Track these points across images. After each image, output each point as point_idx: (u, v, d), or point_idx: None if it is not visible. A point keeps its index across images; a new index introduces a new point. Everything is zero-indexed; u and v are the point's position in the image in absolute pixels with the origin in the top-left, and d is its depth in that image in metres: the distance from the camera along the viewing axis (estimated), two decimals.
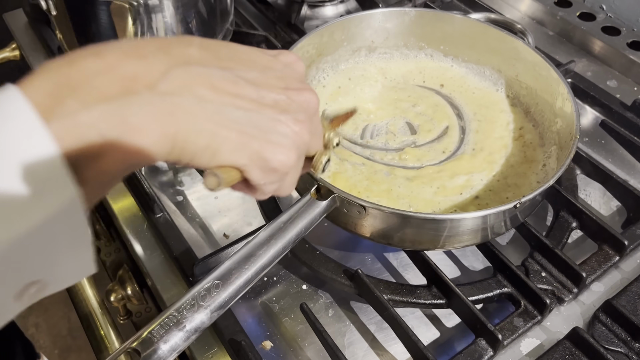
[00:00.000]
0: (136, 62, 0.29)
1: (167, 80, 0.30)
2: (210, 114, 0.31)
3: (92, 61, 0.28)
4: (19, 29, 0.84)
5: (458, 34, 0.66)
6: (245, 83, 0.33)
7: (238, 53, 0.35)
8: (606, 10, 0.82)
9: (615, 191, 0.61)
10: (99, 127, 0.27)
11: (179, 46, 0.32)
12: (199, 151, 0.31)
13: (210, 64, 0.32)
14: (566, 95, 0.57)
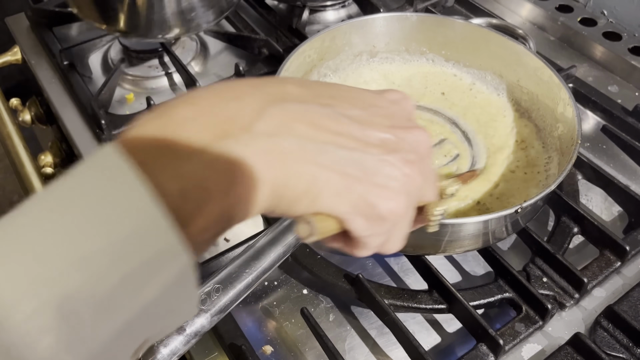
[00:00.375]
0: (230, 103, 0.27)
1: (263, 119, 0.27)
2: (310, 154, 0.28)
3: (186, 108, 0.27)
4: (21, 32, 0.84)
5: (459, 39, 0.66)
6: (348, 120, 0.29)
7: (339, 91, 0.32)
8: (607, 16, 0.82)
9: (617, 196, 0.61)
10: (197, 180, 0.25)
11: (275, 84, 0.30)
12: (297, 197, 0.28)
13: (309, 101, 0.29)
14: (567, 101, 0.57)
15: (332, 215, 0.29)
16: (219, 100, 0.27)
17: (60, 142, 0.79)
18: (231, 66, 0.76)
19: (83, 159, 0.27)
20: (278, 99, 0.28)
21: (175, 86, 0.78)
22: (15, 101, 0.82)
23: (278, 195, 0.27)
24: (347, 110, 0.30)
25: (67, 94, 0.75)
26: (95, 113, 0.67)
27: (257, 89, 0.28)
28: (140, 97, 0.76)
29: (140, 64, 0.79)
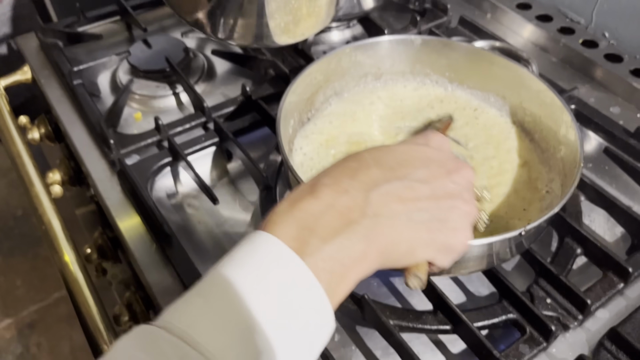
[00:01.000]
0: (344, 196, 0.36)
1: (370, 205, 0.37)
2: (404, 222, 0.37)
3: (314, 202, 0.36)
4: (31, 52, 0.85)
5: (463, 61, 0.67)
6: (419, 185, 0.39)
7: (402, 155, 0.41)
8: (609, 38, 0.84)
9: (619, 218, 0.62)
10: (338, 258, 0.34)
11: (362, 171, 0.39)
12: (401, 256, 0.38)
13: (390, 179, 0.39)
14: (570, 124, 0.57)
15: (426, 261, 0.39)
16: (336, 195, 0.36)
17: (68, 159, 0.80)
18: (237, 86, 0.77)
19: (243, 243, 0.35)
20: (372, 185, 0.38)
21: (182, 105, 0.79)
22: (24, 119, 0.84)
23: (387, 257, 0.37)
24: (415, 174, 0.40)
25: (76, 113, 0.76)
26: (104, 132, 0.68)
27: (354, 179, 0.38)
28: (147, 116, 0.77)
29: (148, 83, 0.80)
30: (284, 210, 0.36)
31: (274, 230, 0.34)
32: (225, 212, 0.67)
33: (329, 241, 0.34)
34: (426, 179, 0.40)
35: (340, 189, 0.37)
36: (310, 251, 0.34)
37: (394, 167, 0.40)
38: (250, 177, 0.69)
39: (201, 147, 0.70)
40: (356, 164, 0.39)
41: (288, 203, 0.36)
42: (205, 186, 0.64)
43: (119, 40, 0.89)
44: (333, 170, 0.39)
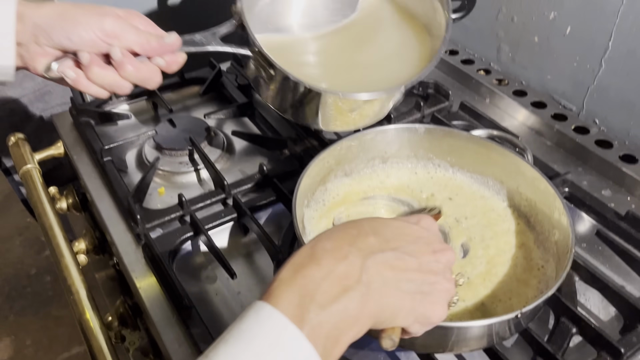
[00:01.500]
0: (343, 263, 0.40)
1: (366, 272, 0.41)
2: (393, 290, 0.42)
3: (316, 269, 0.40)
4: (65, 128, 0.93)
5: (463, 147, 0.74)
6: (409, 258, 0.44)
7: (396, 229, 0.46)
8: (599, 124, 0.90)
9: (612, 298, 0.65)
10: (334, 323, 0.38)
11: (360, 238, 0.43)
12: (385, 319, 0.42)
13: (385, 249, 0.43)
14: (562, 210, 0.63)
15: (402, 327, 0.43)
16: (336, 260, 0.40)
17: (93, 229, 0.85)
18: (254, 163, 0.84)
19: (243, 317, 0.38)
20: (369, 253, 0.42)
21: (203, 181, 0.85)
22: (53, 190, 0.90)
23: (374, 321, 0.41)
24: (406, 248, 0.44)
25: (104, 187, 0.82)
26: (131, 207, 0.74)
27: (353, 246, 0.42)
28: (170, 191, 0.83)
29: (172, 160, 0.86)
30: (287, 278, 0.39)
31: (278, 300, 0.38)
32: (242, 284, 0.71)
33: (327, 308, 0.38)
34: (415, 254, 0.44)
35: (340, 255, 0.41)
36: (310, 318, 0.37)
37: (388, 239, 0.44)
38: (265, 250, 0.74)
39: (220, 222, 0.75)
40: (355, 231, 0.43)
41: (291, 270, 0.40)
42: (224, 260, 0.69)
43: (146, 118, 0.96)
44: (334, 235, 0.43)
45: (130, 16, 0.59)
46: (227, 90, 1.00)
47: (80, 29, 0.54)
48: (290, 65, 0.62)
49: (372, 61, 0.75)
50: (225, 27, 0.61)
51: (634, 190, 0.80)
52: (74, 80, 0.56)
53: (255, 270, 0.73)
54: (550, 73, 0.95)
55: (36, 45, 0.55)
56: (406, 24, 0.78)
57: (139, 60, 0.57)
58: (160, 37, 0.58)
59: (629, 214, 0.74)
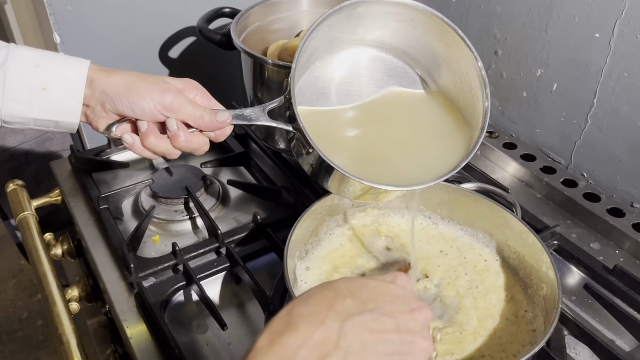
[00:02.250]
0: (320, 328, 0.40)
1: (344, 337, 0.41)
2: (372, 354, 0.42)
3: (293, 336, 0.40)
4: (63, 176, 0.94)
5: (453, 200, 0.75)
6: (387, 318, 0.44)
7: (373, 290, 0.46)
8: (587, 178, 0.92)
9: (601, 354, 0.65)
10: None
11: (337, 301, 0.43)
12: None
13: (363, 311, 0.43)
14: (549, 265, 0.64)
15: None
16: (313, 326, 0.40)
17: (87, 277, 0.86)
18: (249, 212, 0.85)
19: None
20: (346, 316, 0.42)
21: (197, 229, 0.86)
22: (49, 236, 0.90)
23: None
24: (383, 308, 0.44)
25: (100, 235, 0.83)
26: (125, 256, 0.75)
27: (330, 310, 0.42)
28: (164, 239, 0.84)
29: (167, 208, 0.88)
30: (264, 346, 0.39)
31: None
32: (233, 334, 0.71)
33: None
34: (392, 314, 0.44)
35: (318, 320, 0.41)
36: None
37: (365, 300, 0.44)
38: (257, 301, 0.74)
39: (213, 271, 0.76)
40: (332, 293, 0.44)
41: (268, 338, 0.40)
42: (215, 311, 0.69)
43: (143, 167, 0.98)
44: (310, 298, 0.43)
45: (189, 87, 0.63)
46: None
47: (143, 102, 0.58)
48: (326, 144, 0.63)
49: (409, 144, 0.72)
50: (274, 103, 0.65)
51: (622, 243, 0.82)
52: (130, 145, 0.61)
53: (247, 321, 0.73)
54: (538, 127, 0.98)
55: (101, 109, 0.60)
56: (444, 106, 0.74)
57: (191, 132, 0.61)
58: (213, 113, 0.61)
59: (617, 268, 0.75)
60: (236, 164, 0.98)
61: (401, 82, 0.74)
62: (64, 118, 0.59)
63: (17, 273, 1.96)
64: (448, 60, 0.70)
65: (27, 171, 1.12)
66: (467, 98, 0.70)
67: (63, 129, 0.61)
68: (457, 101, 0.72)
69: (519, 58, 0.96)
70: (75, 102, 0.58)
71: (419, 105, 0.75)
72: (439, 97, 0.74)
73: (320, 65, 0.72)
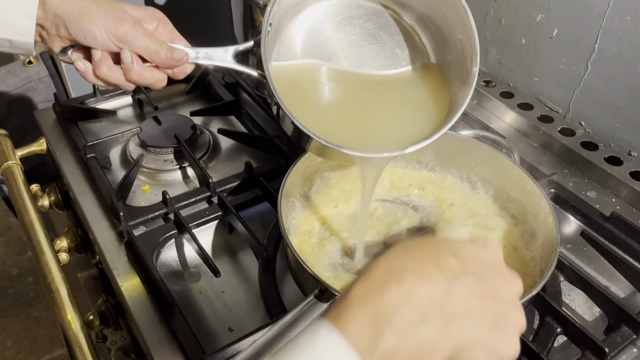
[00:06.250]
0: (427, 285, 0.36)
1: (450, 299, 0.36)
2: (475, 321, 0.37)
3: (396, 290, 0.35)
4: (48, 125, 0.91)
5: (450, 147, 0.73)
6: (487, 285, 0.39)
7: (470, 253, 0.40)
8: (585, 127, 0.91)
9: (597, 299, 0.65)
10: (410, 353, 0.34)
11: (442, 258, 0.38)
12: (462, 352, 0.37)
13: (467, 273, 0.38)
14: (548, 210, 0.63)
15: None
16: (420, 281, 0.36)
17: (76, 227, 0.84)
18: (240, 162, 0.83)
19: (302, 340, 0.34)
20: (453, 276, 0.37)
21: (188, 179, 0.84)
22: (35, 187, 0.88)
23: (452, 353, 0.36)
24: (484, 274, 0.39)
25: (87, 185, 0.81)
26: (114, 205, 0.73)
27: (437, 266, 0.37)
28: (154, 189, 0.82)
29: (156, 157, 0.85)
30: (360, 296, 0.35)
31: (347, 321, 0.34)
32: (226, 283, 0.70)
33: (404, 335, 0.34)
34: (492, 282, 0.39)
35: (424, 274, 0.36)
36: (383, 345, 0.33)
37: (467, 262, 0.39)
38: (250, 249, 0.73)
39: (205, 220, 0.75)
40: (435, 250, 0.39)
41: (364, 287, 0.36)
42: (208, 259, 0.68)
43: (130, 116, 0.95)
44: (412, 251, 0.39)
45: (149, 18, 0.60)
46: (213, 88, 0.99)
47: (96, 30, 0.56)
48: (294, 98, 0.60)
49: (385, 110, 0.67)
50: (243, 46, 0.61)
51: (619, 191, 0.81)
52: (83, 73, 0.59)
53: (240, 269, 0.72)
54: (537, 75, 0.96)
55: (56, 32, 0.58)
56: (431, 82, 0.68)
57: (146, 67, 0.59)
58: (170, 49, 0.59)
59: (614, 215, 0.74)
60: (226, 113, 0.95)
61: (392, 48, 0.70)
62: (18, 37, 0.57)
63: (5, 231, 1.94)
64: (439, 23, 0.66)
65: (11, 122, 1.09)
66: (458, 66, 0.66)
67: (19, 50, 0.59)
68: (447, 76, 0.67)
69: (518, 3, 0.93)
70: (28, 21, 0.56)
71: (402, 77, 0.70)
72: (426, 72, 0.69)
73: (309, 15, 0.68)
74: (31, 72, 1.08)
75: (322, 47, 0.66)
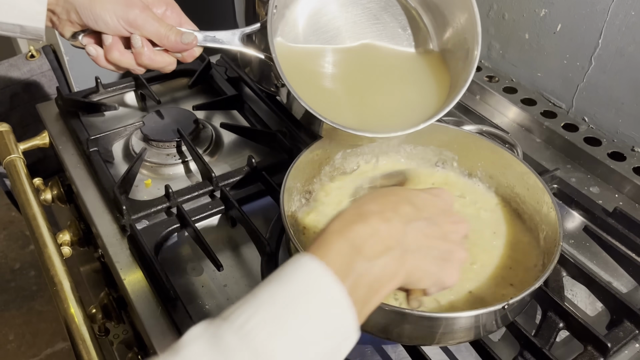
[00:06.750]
0: (387, 225, 0.44)
1: (406, 237, 0.45)
2: (423, 255, 0.46)
3: (364, 227, 0.43)
4: (50, 119, 0.91)
5: (453, 142, 0.73)
6: (436, 227, 0.48)
7: (425, 200, 0.49)
8: (588, 122, 0.90)
9: (599, 294, 0.65)
10: (376, 275, 0.42)
11: (400, 205, 0.47)
12: (413, 281, 0.46)
13: (419, 217, 0.47)
14: (550, 205, 0.63)
15: (423, 289, 0.48)
16: (380, 221, 0.44)
17: (78, 221, 0.84)
18: (242, 156, 0.83)
19: (287, 266, 0.41)
20: (407, 220, 0.46)
21: (190, 173, 0.84)
22: (38, 181, 0.88)
23: (405, 279, 0.45)
24: (434, 218, 0.48)
25: (90, 178, 0.81)
26: (117, 198, 0.73)
27: (395, 212, 0.46)
28: (157, 183, 0.82)
29: (159, 151, 0.85)
30: (337, 230, 0.43)
31: (329, 248, 0.42)
32: (228, 276, 0.70)
33: (372, 261, 0.42)
34: (440, 224, 0.48)
35: (385, 217, 0.45)
36: (356, 267, 0.41)
37: (420, 208, 0.48)
38: (252, 243, 0.73)
39: (208, 214, 0.75)
40: (395, 198, 0.48)
41: (340, 224, 0.44)
42: (211, 252, 0.68)
43: (133, 110, 0.95)
44: (377, 199, 0.47)
45: (158, 2, 0.61)
46: (216, 82, 0.99)
47: (106, 15, 0.57)
48: (300, 80, 0.61)
49: (388, 91, 0.70)
50: (250, 28, 0.62)
51: (622, 187, 0.81)
52: (94, 57, 0.61)
53: (242, 263, 0.72)
54: (540, 70, 0.95)
55: (67, 18, 0.59)
56: (432, 65, 0.70)
57: (156, 51, 0.60)
58: (180, 33, 0.60)
59: (617, 211, 0.74)
60: (229, 107, 0.95)
61: (394, 28, 0.70)
62: (28, 22, 0.58)
63: (7, 225, 1.94)
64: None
65: (13, 116, 1.09)
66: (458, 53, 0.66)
67: (30, 35, 0.59)
68: (446, 53, 0.68)
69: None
70: (39, 6, 0.57)
71: (405, 58, 0.71)
72: (428, 55, 0.70)
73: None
74: (33, 65, 1.08)
75: (326, 27, 0.67)
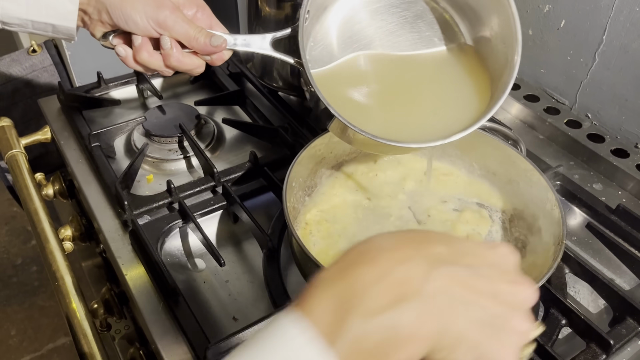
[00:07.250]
0: (402, 267, 0.32)
1: (430, 282, 0.32)
2: (462, 312, 0.32)
3: (368, 270, 0.32)
4: (52, 114, 0.91)
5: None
6: (484, 280, 0.34)
7: (469, 247, 0.36)
8: (591, 119, 0.90)
9: (602, 291, 0.65)
10: (380, 339, 0.30)
11: (428, 245, 0.34)
12: (443, 349, 0.32)
13: (456, 262, 0.34)
14: (554, 202, 0.62)
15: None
16: (395, 262, 0.32)
17: (80, 216, 0.84)
18: (244, 152, 0.83)
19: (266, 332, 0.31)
20: (436, 262, 0.33)
21: (192, 169, 0.84)
22: (40, 176, 0.88)
23: (432, 346, 0.32)
24: (481, 269, 0.34)
25: (92, 174, 0.80)
26: (119, 193, 0.73)
27: (417, 251, 0.33)
28: (159, 178, 0.82)
29: (161, 147, 0.85)
30: (329, 277, 0.32)
31: (312, 304, 0.31)
32: (230, 272, 0.70)
33: (374, 318, 0.30)
34: (490, 278, 0.34)
35: (402, 256, 0.33)
36: (349, 329, 0.30)
37: (462, 253, 0.35)
38: (254, 239, 0.73)
39: (210, 209, 0.75)
40: (423, 237, 0.35)
41: (336, 269, 0.33)
42: (212, 248, 0.68)
43: (135, 105, 0.95)
44: (395, 236, 0.35)
45: (189, 4, 0.61)
46: (218, 78, 0.99)
47: (136, 15, 0.57)
48: (330, 88, 0.59)
49: (423, 99, 0.67)
50: (281, 33, 0.61)
51: (625, 184, 0.80)
52: (123, 58, 0.60)
53: (244, 259, 0.72)
54: (543, 67, 0.95)
55: (98, 17, 0.59)
56: (467, 65, 0.67)
57: (185, 53, 0.60)
58: (209, 35, 0.59)
59: (620, 208, 0.74)
60: (231, 102, 0.95)
61: (429, 37, 0.68)
62: (61, 22, 0.58)
63: (9, 220, 1.94)
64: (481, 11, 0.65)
65: (15, 111, 1.09)
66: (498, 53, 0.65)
67: (61, 34, 0.60)
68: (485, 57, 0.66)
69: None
70: (71, 6, 0.57)
71: (439, 61, 0.68)
72: (463, 54, 0.68)
73: (345, 2, 0.65)
74: (35, 60, 1.08)
75: (359, 35, 0.66)
